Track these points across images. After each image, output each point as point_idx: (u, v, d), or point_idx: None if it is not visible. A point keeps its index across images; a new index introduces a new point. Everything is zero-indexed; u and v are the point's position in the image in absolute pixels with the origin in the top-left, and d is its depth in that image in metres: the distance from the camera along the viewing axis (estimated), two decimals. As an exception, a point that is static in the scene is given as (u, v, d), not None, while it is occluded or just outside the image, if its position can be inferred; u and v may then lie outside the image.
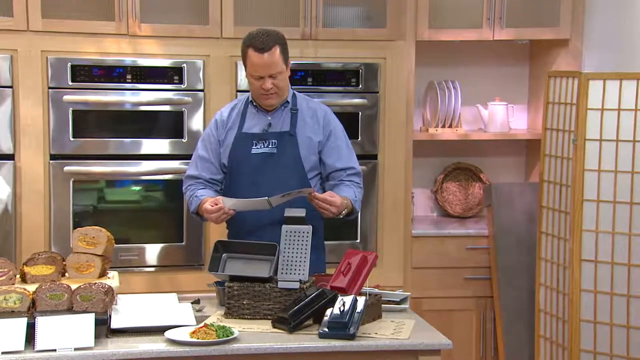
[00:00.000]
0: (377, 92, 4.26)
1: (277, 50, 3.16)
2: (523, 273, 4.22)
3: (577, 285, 3.67)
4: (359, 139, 4.22)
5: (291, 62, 3.29)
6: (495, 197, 4.36)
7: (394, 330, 2.78)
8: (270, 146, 3.24)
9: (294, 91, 3.36)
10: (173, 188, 4.12)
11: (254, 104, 3.30)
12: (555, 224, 3.83)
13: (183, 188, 3.40)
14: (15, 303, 2.65)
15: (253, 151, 3.24)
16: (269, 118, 3.28)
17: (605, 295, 3.64)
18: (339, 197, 3.14)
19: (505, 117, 4.63)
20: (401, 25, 4.26)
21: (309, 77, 4.18)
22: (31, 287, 2.73)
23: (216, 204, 3.10)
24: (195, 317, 2.81)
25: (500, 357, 4.33)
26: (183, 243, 4.14)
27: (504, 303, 4.28)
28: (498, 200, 4.36)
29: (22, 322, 2.56)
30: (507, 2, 4.34)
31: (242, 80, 4.11)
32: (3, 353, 2.48)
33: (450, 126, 4.57)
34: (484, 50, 4.70)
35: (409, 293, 3.13)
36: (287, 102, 3.28)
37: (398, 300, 3.07)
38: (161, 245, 4.14)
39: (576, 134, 3.67)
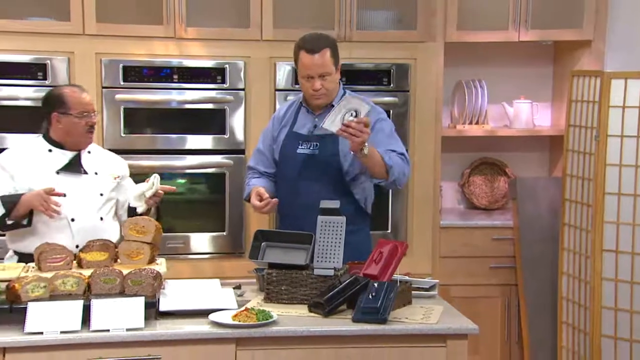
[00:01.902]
0: (408, 91, 4.24)
1: (327, 53, 3.15)
2: (546, 262, 4.18)
3: (599, 274, 3.63)
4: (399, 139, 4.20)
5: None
6: (520, 190, 4.32)
7: (424, 315, 2.77)
8: (312, 148, 3.22)
9: (347, 91, 3.31)
10: (216, 181, 4.14)
11: (305, 104, 3.29)
12: (577, 216, 3.79)
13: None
14: (72, 286, 2.69)
15: (298, 151, 3.24)
16: (316, 119, 3.25)
17: (625, 284, 3.59)
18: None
19: (529, 115, 4.58)
20: (431, 27, 4.23)
21: (344, 76, 4.13)
22: (86, 272, 2.77)
23: (261, 199, 3.13)
24: (237, 301, 2.83)
25: (524, 342, 4.29)
26: (225, 232, 4.16)
27: (528, 291, 4.24)
28: (522, 194, 4.31)
29: (79, 304, 2.59)
30: (533, 4, 4.29)
31: (281, 80, 4.12)
32: (61, 332, 2.51)
33: (477, 123, 4.53)
34: (510, 51, 4.65)
35: (437, 280, 3.12)
36: (333, 105, 3.20)
37: (427, 287, 3.06)
38: (205, 234, 4.16)
39: (598, 131, 3.63)
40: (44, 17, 3.98)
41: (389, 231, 4.25)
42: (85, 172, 3.26)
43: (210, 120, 4.11)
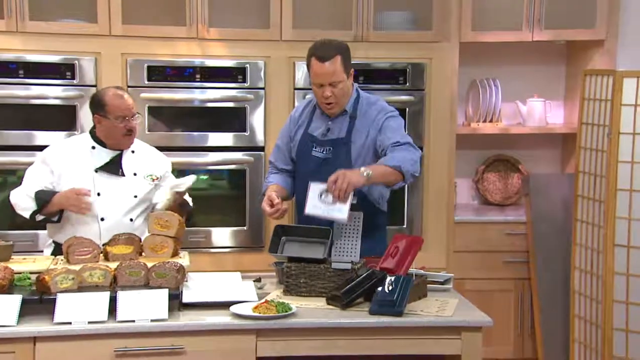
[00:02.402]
0: (423, 90, 4.23)
1: (338, 60, 3.08)
2: (559, 257, 4.16)
3: (611, 268, 3.61)
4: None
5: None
6: (533, 186, 4.30)
7: (439, 308, 2.77)
8: (325, 152, 3.18)
9: (362, 92, 3.25)
10: (237, 177, 4.16)
11: (319, 107, 3.26)
12: (590, 212, 3.77)
13: None
14: (99, 278, 2.71)
15: (313, 153, 3.21)
16: (330, 123, 3.20)
17: (636, 278, 3.57)
18: (339, 173, 2.89)
19: (542, 113, 4.56)
20: (446, 28, 4.22)
21: (360, 76, 4.17)
22: (113, 265, 2.79)
23: (272, 205, 3.09)
24: (257, 294, 2.84)
25: (537, 335, 4.28)
26: (246, 227, 4.18)
27: (541, 284, 4.22)
28: (535, 190, 4.29)
29: (105, 295, 2.61)
30: (546, 5, 4.27)
31: (299, 79, 4.13)
32: (89, 322, 2.54)
33: (490, 121, 4.52)
34: (523, 51, 4.63)
35: (452, 274, 3.12)
36: (345, 110, 3.18)
37: (442, 280, 3.06)
38: (226, 228, 4.18)
39: (610, 128, 3.61)
40: (73, 19, 4.02)
41: (405, 226, 4.25)
42: (123, 174, 3.28)
43: (231, 119, 4.13)
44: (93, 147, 3.28)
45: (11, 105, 3.96)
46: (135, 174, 3.30)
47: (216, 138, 4.12)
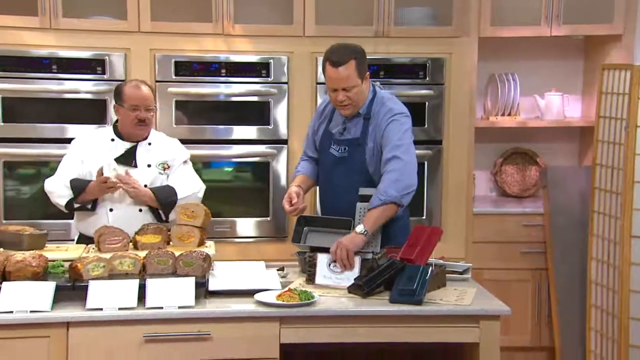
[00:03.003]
0: (443, 84, 4.20)
1: (352, 64, 3.00)
2: (576, 248, 4.12)
3: (627, 259, 3.57)
4: (425, 126, 4.18)
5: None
6: (551, 179, 4.26)
7: (457, 297, 2.76)
8: (341, 151, 3.15)
9: (379, 91, 3.18)
10: (260, 169, 4.16)
11: None
12: (607, 204, 3.73)
13: None
14: (129, 266, 2.72)
15: (330, 150, 3.19)
16: (346, 123, 3.16)
17: (653, 270, 3.53)
18: (337, 243, 2.85)
19: (560, 106, 4.51)
20: (465, 23, 4.18)
21: (381, 70, 4.15)
22: (142, 253, 2.81)
23: (291, 203, 3.08)
24: (281, 282, 2.85)
25: (554, 324, 4.24)
26: (269, 217, 4.19)
27: (558, 275, 4.19)
28: (553, 182, 4.25)
29: (135, 283, 2.63)
30: (564, 0, 4.21)
31: (322, 74, 4.06)
32: (119, 309, 2.56)
33: (509, 114, 4.48)
34: (542, 45, 4.58)
35: (470, 264, 3.10)
36: (359, 113, 3.12)
37: (461, 270, 3.05)
38: (250, 219, 4.19)
39: (628, 121, 3.56)
40: (104, 16, 4.04)
41: (424, 218, 4.23)
42: (136, 165, 3.29)
43: (255, 112, 4.13)
44: (112, 140, 3.32)
45: (44, 99, 3.99)
46: (149, 165, 3.31)
47: (240, 131, 4.13)
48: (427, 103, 4.17)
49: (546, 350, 4.35)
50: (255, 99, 4.12)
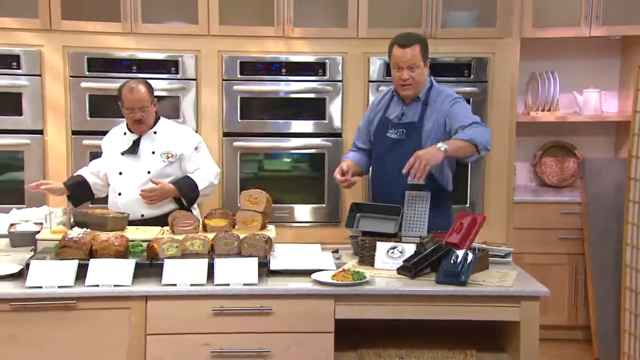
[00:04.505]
0: (486, 82, 4.13)
1: (417, 47, 3.09)
2: (611, 234, 4.01)
3: (661, 247, 3.45)
4: (472, 114, 4.10)
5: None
6: (588, 170, 4.15)
7: (499, 279, 2.72)
8: (399, 134, 3.16)
9: (436, 83, 3.22)
10: (316, 160, 4.16)
11: (396, 93, 3.25)
12: (642, 194, 3.61)
13: None
14: (199, 247, 2.76)
15: (388, 134, 3.20)
16: (404, 108, 3.19)
17: (686, 257, 3.40)
18: (415, 155, 2.86)
19: (598, 102, 4.39)
20: (508, 24, 4.10)
21: (429, 69, 4.09)
22: (210, 236, 2.83)
23: (343, 174, 3.11)
24: (335, 263, 2.85)
25: (590, 305, 4.15)
26: (324, 204, 4.19)
27: (594, 259, 4.08)
28: (590, 173, 4.14)
29: (204, 262, 2.66)
30: (603, 2, 4.09)
31: (373, 73, 4.09)
32: (191, 285, 2.60)
33: (549, 110, 4.39)
34: (580, 45, 4.46)
35: (511, 249, 3.04)
36: (419, 97, 3.16)
37: (502, 254, 2.99)
38: (307, 205, 4.20)
39: (664, 116, 3.43)
40: (177, 21, 4.10)
41: (467, 205, 4.17)
42: (137, 153, 3.34)
43: (312, 108, 4.13)
44: (125, 133, 3.41)
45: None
46: (153, 152, 3.35)
47: (298, 125, 4.14)
48: (471, 99, 4.09)
49: (582, 328, 4.26)
50: (312, 95, 4.12)
